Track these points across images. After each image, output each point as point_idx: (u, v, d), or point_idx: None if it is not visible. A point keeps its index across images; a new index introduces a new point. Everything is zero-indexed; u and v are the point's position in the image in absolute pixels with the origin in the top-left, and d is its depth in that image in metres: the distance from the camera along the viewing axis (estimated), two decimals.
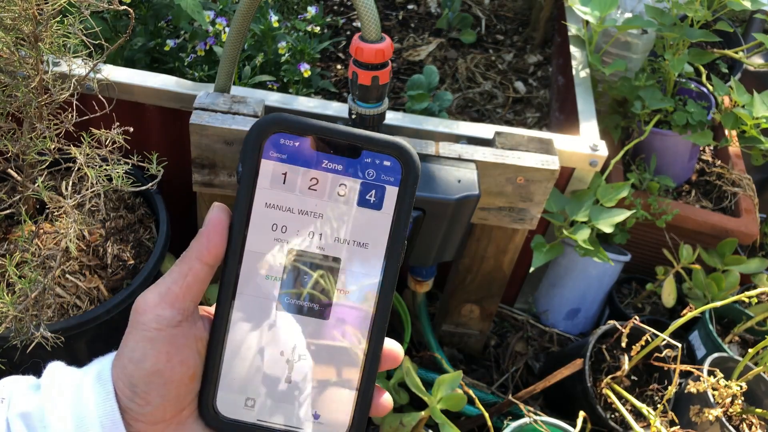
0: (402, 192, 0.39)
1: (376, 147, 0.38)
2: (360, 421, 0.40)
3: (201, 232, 0.38)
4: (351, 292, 0.39)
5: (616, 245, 1.42)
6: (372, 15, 0.77)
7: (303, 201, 0.38)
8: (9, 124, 0.90)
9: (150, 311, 0.37)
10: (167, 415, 0.38)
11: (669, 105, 1.27)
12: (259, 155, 0.37)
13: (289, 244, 0.38)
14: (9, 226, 1.05)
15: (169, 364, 0.37)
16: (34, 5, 0.81)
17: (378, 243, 0.39)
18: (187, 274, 0.37)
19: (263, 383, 0.39)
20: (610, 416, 1.15)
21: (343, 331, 0.39)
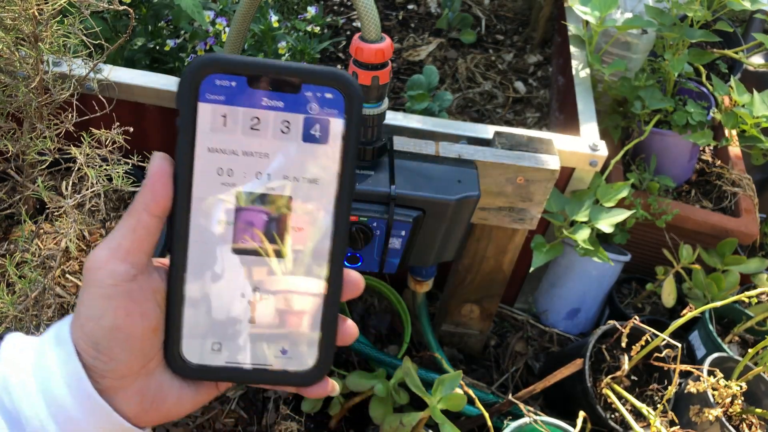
0: (347, 123, 0.38)
1: (316, 79, 0.37)
2: (327, 351, 0.40)
3: (145, 184, 0.37)
4: (305, 228, 0.39)
5: (616, 245, 1.42)
6: (372, 15, 0.77)
7: (246, 142, 0.37)
8: (9, 124, 0.90)
9: (103, 268, 0.36)
10: (134, 368, 0.38)
11: (669, 105, 1.27)
12: (196, 99, 0.36)
13: (237, 186, 0.38)
14: (9, 226, 1.05)
15: (129, 318, 0.37)
16: (34, 5, 0.81)
17: (328, 177, 0.38)
18: (135, 228, 0.37)
19: (227, 326, 0.39)
20: (610, 416, 1.15)
21: (302, 267, 0.39)
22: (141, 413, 0.39)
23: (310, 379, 0.41)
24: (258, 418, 1.26)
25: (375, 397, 1.09)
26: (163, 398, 0.40)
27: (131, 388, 0.38)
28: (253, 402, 1.28)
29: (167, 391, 0.40)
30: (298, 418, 1.18)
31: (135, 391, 0.39)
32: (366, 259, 0.97)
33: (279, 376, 0.40)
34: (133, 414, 0.39)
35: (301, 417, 1.18)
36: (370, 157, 0.89)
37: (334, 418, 1.17)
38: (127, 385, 0.38)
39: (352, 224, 0.90)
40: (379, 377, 1.11)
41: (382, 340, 1.41)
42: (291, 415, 1.18)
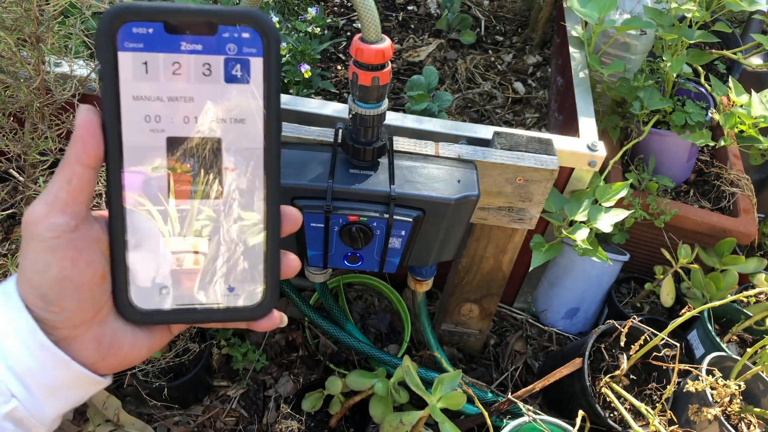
0: (267, 61, 0.38)
1: (231, 20, 0.37)
2: (273, 285, 0.42)
3: (74, 137, 0.37)
4: (239, 167, 0.40)
5: (614, 245, 1.42)
6: (372, 16, 0.77)
7: (170, 87, 0.37)
8: (11, 124, 0.91)
9: (42, 221, 0.37)
10: (86, 317, 0.38)
11: (667, 105, 1.28)
12: (115, 48, 0.36)
13: (166, 132, 0.38)
14: (11, 225, 1.05)
15: (75, 268, 0.37)
16: (36, 6, 0.81)
17: (254, 116, 0.39)
18: (71, 180, 0.37)
19: (172, 270, 0.40)
20: (609, 415, 1.15)
21: (239, 205, 0.40)
22: (99, 360, 0.40)
23: (258, 313, 0.42)
24: (258, 417, 1.27)
25: (375, 396, 1.10)
26: (119, 344, 0.40)
27: (86, 337, 0.39)
28: (253, 401, 1.28)
29: (122, 338, 0.41)
30: (299, 417, 1.18)
31: (90, 339, 0.39)
32: (366, 259, 0.98)
33: (228, 314, 0.42)
34: (91, 362, 0.39)
35: (302, 416, 1.19)
36: (370, 157, 0.89)
37: (334, 416, 1.18)
38: (81, 334, 0.39)
39: (353, 224, 0.91)
40: (379, 376, 1.11)
41: (382, 339, 1.41)
42: (291, 413, 1.19)
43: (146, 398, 1.17)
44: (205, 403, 1.28)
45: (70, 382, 0.39)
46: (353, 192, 0.88)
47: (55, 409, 0.39)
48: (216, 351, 1.33)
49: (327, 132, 0.96)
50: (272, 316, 0.43)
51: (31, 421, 0.38)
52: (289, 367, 1.35)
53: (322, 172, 0.89)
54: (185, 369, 1.19)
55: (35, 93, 0.87)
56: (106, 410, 1.17)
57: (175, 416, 1.25)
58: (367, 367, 1.34)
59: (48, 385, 0.38)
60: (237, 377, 1.32)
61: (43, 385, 0.38)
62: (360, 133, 0.87)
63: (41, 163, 0.92)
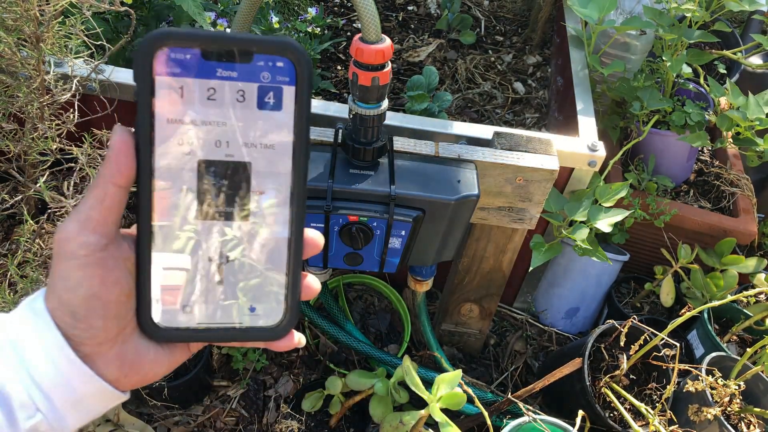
0: (299, 90, 0.39)
1: (267, 49, 0.38)
2: (293, 306, 0.43)
3: (108, 157, 0.38)
4: (266, 191, 0.40)
5: (614, 245, 1.42)
6: (372, 16, 0.77)
7: (204, 112, 0.38)
8: (11, 124, 0.91)
9: (74, 240, 0.37)
10: (111, 334, 0.39)
11: (667, 105, 1.28)
12: (152, 72, 0.37)
13: (197, 155, 0.39)
14: (11, 225, 1.05)
15: (103, 286, 0.38)
16: (36, 6, 0.81)
17: (283, 142, 0.40)
18: (103, 199, 0.38)
19: (196, 289, 0.41)
20: (609, 415, 1.15)
21: (265, 228, 0.41)
22: (121, 377, 0.40)
23: (277, 333, 0.43)
24: (258, 417, 1.27)
25: (375, 396, 1.10)
26: (141, 362, 0.41)
27: (110, 354, 0.40)
28: (253, 401, 1.28)
29: (144, 355, 0.41)
30: (299, 417, 1.18)
31: (114, 356, 0.40)
32: (366, 259, 0.98)
33: (249, 333, 0.43)
34: (114, 378, 0.40)
35: (302, 416, 1.19)
36: (370, 157, 0.89)
37: (334, 416, 1.18)
38: (106, 351, 0.39)
39: (353, 224, 0.91)
40: (379, 376, 1.11)
41: (382, 339, 1.41)
42: (291, 413, 1.19)
43: (146, 398, 1.17)
44: (205, 403, 1.28)
45: (92, 396, 0.40)
46: (353, 192, 0.88)
47: (76, 422, 0.40)
48: (216, 351, 1.33)
49: (327, 132, 0.96)
50: (291, 336, 0.44)
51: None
52: (289, 367, 1.35)
53: (322, 172, 0.89)
54: (185, 369, 1.19)
55: (35, 93, 0.87)
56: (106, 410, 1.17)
57: (175, 416, 1.25)
58: (367, 367, 1.34)
59: (72, 399, 0.39)
60: (237, 377, 1.32)
61: (66, 400, 0.39)
62: (360, 133, 0.87)
63: (41, 163, 0.92)
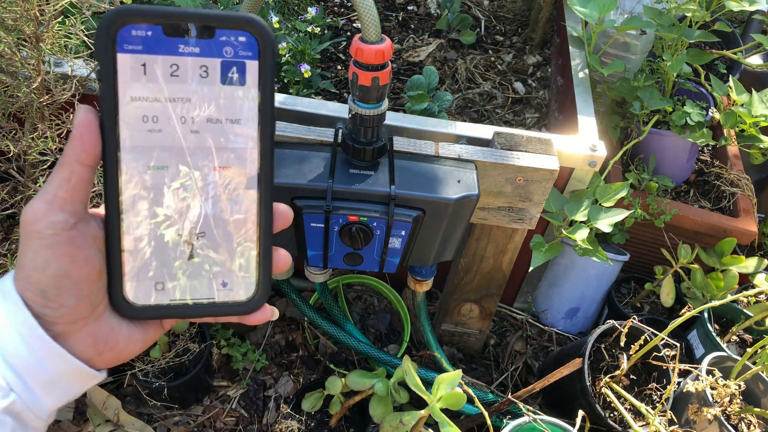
0: (262, 64, 0.39)
1: (229, 24, 0.38)
2: (265, 279, 0.43)
3: (73, 135, 0.38)
4: (233, 167, 0.41)
5: (614, 245, 1.42)
6: (372, 16, 0.77)
7: (168, 88, 0.38)
8: (11, 124, 0.91)
9: (42, 219, 0.37)
10: (83, 312, 0.39)
11: (667, 105, 1.28)
12: (114, 50, 0.37)
13: (163, 132, 0.39)
14: (11, 226, 1.05)
15: (74, 265, 0.38)
16: (36, 6, 0.81)
17: (249, 117, 0.40)
18: (69, 178, 0.38)
19: (167, 266, 0.41)
20: (609, 415, 1.15)
21: (234, 203, 0.41)
22: (95, 356, 0.41)
23: (250, 307, 0.44)
24: (258, 417, 1.27)
25: (375, 396, 1.10)
26: (115, 339, 0.41)
27: (83, 332, 0.40)
28: (253, 401, 1.28)
29: (118, 333, 0.41)
30: (299, 417, 1.18)
31: (87, 334, 0.40)
32: (366, 259, 0.98)
33: (221, 308, 0.43)
34: (88, 357, 0.40)
35: (302, 416, 1.19)
36: (370, 157, 0.89)
37: (334, 416, 1.18)
38: (78, 330, 0.40)
39: (353, 224, 0.91)
40: (379, 376, 1.11)
41: (382, 339, 1.41)
42: (291, 413, 1.19)
43: (146, 398, 1.17)
44: (205, 403, 1.28)
45: (67, 376, 0.40)
46: (353, 192, 0.88)
47: (53, 403, 0.40)
48: (216, 351, 1.33)
49: (327, 132, 0.96)
50: (264, 310, 0.44)
51: (29, 415, 0.39)
52: (289, 367, 1.35)
53: (322, 172, 0.89)
54: (185, 369, 1.19)
55: (35, 93, 0.87)
56: (106, 410, 1.17)
57: (175, 416, 1.25)
58: (367, 367, 1.34)
59: (46, 379, 0.39)
60: (237, 377, 1.32)
61: (40, 380, 0.39)
62: (360, 133, 0.87)
63: (41, 163, 0.92)
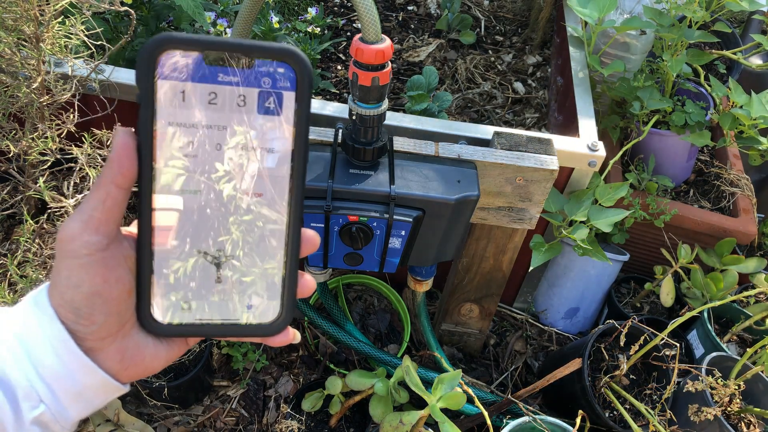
0: (299, 95, 0.40)
1: (268, 55, 0.39)
2: (290, 303, 0.44)
3: (111, 158, 0.39)
4: (265, 193, 0.42)
5: (614, 245, 1.42)
6: (372, 16, 0.77)
7: (205, 116, 0.39)
8: (11, 124, 0.91)
9: (77, 239, 0.38)
10: (112, 330, 0.41)
11: (667, 105, 1.28)
12: (154, 76, 0.38)
13: (198, 158, 0.40)
14: (11, 225, 1.05)
15: (106, 284, 0.39)
16: (36, 6, 0.81)
17: (283, 146, 0.41)
18: (105, 200, 0.39)
19: (195, 286, 0.42)
20: (609, 415, 1.15)
21: (263, 228, 0.42)
22: (122, 371, 0.42)
23: (274, 330, 0.44)
24: (258, 417, 1.27)
25: (375, 396, 1.10)
26: (141, 356, 0.43)
27: (111, 349, 0.41)
28: (253, 401, 1.28)
29: (143, 349, 0.43)
30: (299, 417, 1.18)
31: (114, 351, 0.41)
32: (366, 259, 0.98)
33: (245, 329, 0.44)
34: (115, 372, 0.42)
35: (302, 416, 1.19)
36: (370, 157, 0.89)
37: (334, 416, 1.18)
38: (107, 346, 0.41)
39: (353, 224, 0.91)
40: (379, 376, 1.11)
41: (382, 339, 1.41)
42: (291, 413, 1.19)
43: (146, 398, 1.17)
44: (205, 403, 1.28)
45: (94, 388, 0.41)
46: (353, 192, 0.88)
47: (78, 414, 0.41)
48: (216, 351, 1.33)
49: (327, 132, 0.96)
50: (287, 333, 0.45)
51: (56, 426, 0.40)
52: (289, 367, 1.35)
53: (322, 172, 0.89)
54: (185, 369, 1.19)
55: (35, 93, 0.87)
56: (106, 410, 1.17)
57: (175, 416, 1.25)
58: (367, 367, 1.34)
59: (74, 391, 0.40)
60: (237, 377, 1.32)
61: (69, 391, 0.40)
62: (360, 133, 0.87)
63: (41, 163, 0.92)
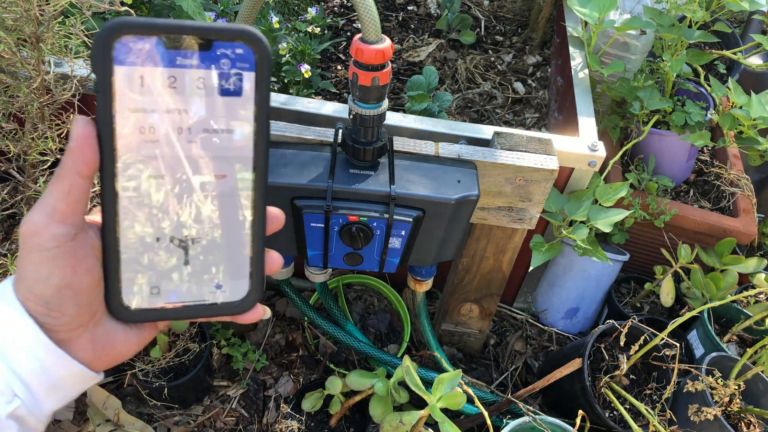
0: (259, 75, 0.40)
1: (226, 36, 0.38)
2: (258, 280, 0.45)
3: (71, 148, 0.38)
4: (229, 174, 0.42)
5: (614, 245, 1.42)
6: (372, 16, 0.77)
7: (165, 100, 0.39)
8: (11, 124, 0.91)
9: (44, 232, 0.38)
10: (83, 320, 0.40)
11: (667, 105, 1.28)
12: (111, 62, 0.37)
13: (159, 142, 0.40)
14: (11, 225, 1.05)
15: (76, 275, 0.39)
16: (36, 6, 0.81)
17: (244, 127, 0.41)
18: (69, 191, 0.38)
19: (163, 271, 0.42)
20: (609, 415, 1.15)
21: (229, 209, 0.42)
22: (95, 360, 0.42)
23: (243, 307, 0.45)
24: (258, 417, 1.27)
25: (375, 396, 1.10)
26: (112, 343, 0.43)
27: (82, 339, 0.41)
28: (253, 401, 1.28)
29: (114, 337, 0.43)
30: (299, 417, 1.18)
31: (86, 341, 0.41)
32: (366, 259, 0.98)
33: (215, 309, 0.44)
34: (89, 361, 0.42)
35: (302, 416, 1.19)
36: (370, 157, 0.89)
37: (334, 416, 1.18)
38: (78, 336, 0.41)
39: (353, 224, 0.91)
40: (379, 376, 1.11)
41: (382, 339, 1.41)
42: (291, 413, 1.19)
43: (146, 398, 1.17)
44: (205, 403, 1.28)
45: (69, 379, 0.41)
46: (353, 192, 0.88)
47: (53, 405, 0.41)
48: (216, 351, 1.33)
49: (327, 132, 0.96)
50: (256, 309, 0.46)
51: (31, 419, 0.40)
52: (289, 367, 1.35)
53: (322, 172, 0.89)
54: (185, 369, 1.19)
55: (35, 93, 0.87)
56: (106, 410, 1.17)
57: (175, 416, 1.25)
58: (367, 367, 1.34)
59: (49, 383, 0.40)
60: (237, 377, 1.32)
61: (44, 384, 0.40)
62: (360, 133, 0.87)
63: (41, 163, 0.92)
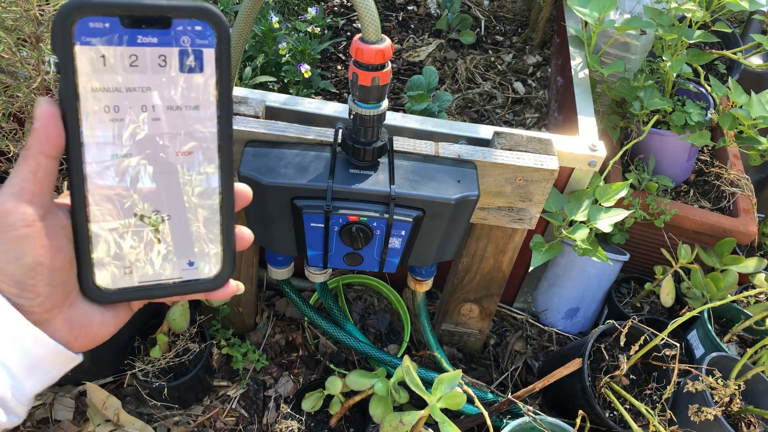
0: (219, 51, 0.40)
1: (184, 14, 0.39)
2: (229, 257, 0.46)
3: (35, 128, 0.38)
4: (194, 151, 0.42)
5: (614, 245, 1.42)
6: (372, 16, 0.77)
7: (127, 79, 0.39)
8: (11, 124, 0.91)
9: (13, 212, 0.38)
10: (58, 300, 0.41)
11: (667, 105, 1.28)
12: (72, 43, 0.37)
13: (125, 121, 0.40)
14: None
15: (47, 254, 0.39)
16: (36, 6, 0.81)
17: (208, 102, 0.41)
18: (36, 171, 0.38)
19: (134, 250, 0.43)
20: (609, 415, 1.15)
21: (196, 186, 0.43)
22: (72, 341, 0.42)
23: (216, 284, 0.46)
24: (258, 417, 1.27)
25: (375, 396, 1.10)
26: (89, 324, 0.43)
27: (58, 319, 0.41)
28: (253, 401, 1.28)
29: (91, 318, 0.43)
30: (299, 417, 1.18)
31: (62, 321, 0.41)
32: (366, 259, 0.98)
33: (188, 286, 0.45)
34: (65, 342, 0.42)
35: (302, 416, 1.19)
36: (370, 157, 0.89)
37: (334, 416, 1.18)
38: (54, 317, 0.41)
39: (352, 224, 0.91)
40: (379, 376, 1.11)
41: (382, 339, 1.41)
42: (291, 413, 1.19)
43: (146, 398, 1.17)
44: (205, 403, 1.28)
45: (47, 360, 0.41)
46: (353, 192, 0.88)
47: (34, 387, 0.41)
48: (216, 351, 1.33)
49: (327, 132, 0.96)
50: (229, 286, 0.46)
51: (12, 401, 0.40)
52: (289, 367, 1.35)
53: (322, 172, 0.89)
54: (185, 369, 1.19)
55: (35, 93, 0.87)
56: (106, 410, 1.17)
57: (175, 416, 1.25)
58: (367, 367, 1.34)
59: (27, 364, 0.40)
60: (237, 377, 1.32)
61: (23, 365, 0.40)
62: (360, 133, 0.87)
63: None
